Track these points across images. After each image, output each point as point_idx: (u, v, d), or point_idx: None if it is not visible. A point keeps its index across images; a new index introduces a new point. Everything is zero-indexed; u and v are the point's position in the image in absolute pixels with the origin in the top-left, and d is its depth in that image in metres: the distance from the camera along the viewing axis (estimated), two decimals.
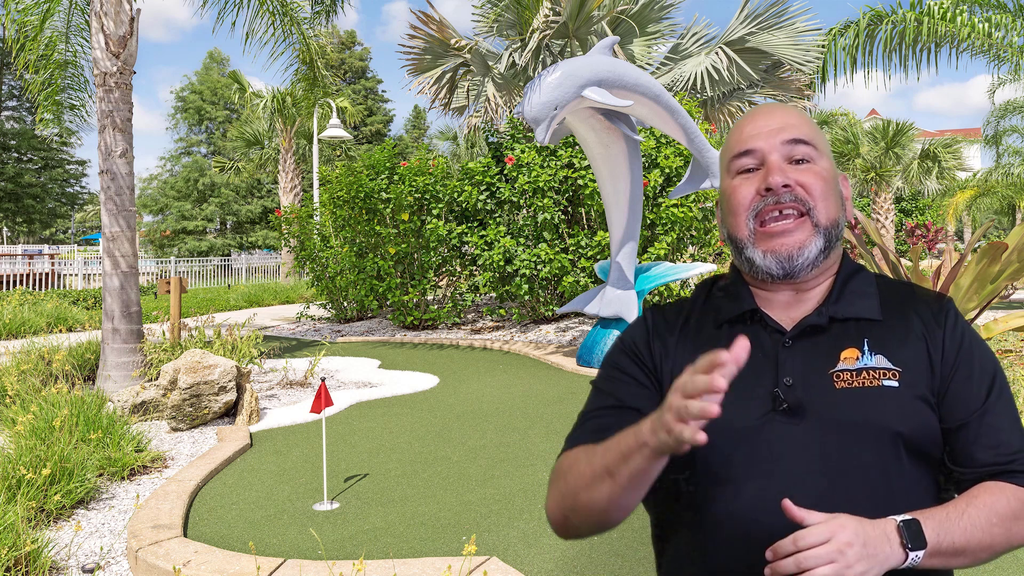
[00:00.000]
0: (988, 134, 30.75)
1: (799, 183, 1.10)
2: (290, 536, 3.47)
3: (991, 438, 1.06)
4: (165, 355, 6.85)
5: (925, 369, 1.08)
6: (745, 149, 1.14)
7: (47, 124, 10.70)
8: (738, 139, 1.16)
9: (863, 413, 1.04)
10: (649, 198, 9.20)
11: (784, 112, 1.17)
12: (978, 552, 1.00)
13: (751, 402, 1.07)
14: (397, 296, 10.54)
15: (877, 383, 1.06)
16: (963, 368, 1.09)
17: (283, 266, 23.07)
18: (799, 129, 1.14)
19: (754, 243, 1.12)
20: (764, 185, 1.10)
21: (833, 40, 12.91)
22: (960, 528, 0.98)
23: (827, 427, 1.04)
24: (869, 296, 1.14)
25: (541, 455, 4.69)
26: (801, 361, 1.09)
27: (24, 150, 32.05)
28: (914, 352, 1.09)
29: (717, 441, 1.05)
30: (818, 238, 1.11)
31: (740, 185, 1.14)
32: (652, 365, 1.17)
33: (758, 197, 1.11)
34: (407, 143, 43.99)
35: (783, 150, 1.12)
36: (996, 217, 31.60)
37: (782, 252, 1.10)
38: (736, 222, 1.14)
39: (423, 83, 12.01)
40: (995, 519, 1.00)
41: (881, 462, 1.03)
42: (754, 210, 1.11)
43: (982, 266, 5.79)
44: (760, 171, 1.13)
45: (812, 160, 1.13)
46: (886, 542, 0.93)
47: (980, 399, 1.08)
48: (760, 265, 1.12)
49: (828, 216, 1.11)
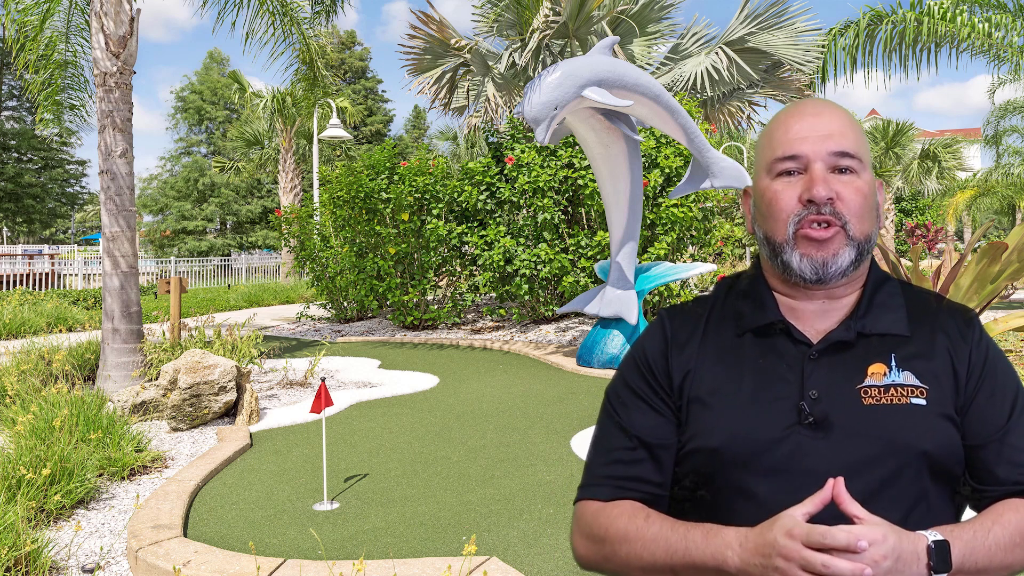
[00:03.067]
0: (988, 134, 30.74)
1: (840, 196, 1.09)
2: (290, 536, 3.47)
3: (1014, 457, 1.06)
4: (165, 355, 6.85)
5: (950, 386, 1.08)
6: (791, 154, 1.11)
7: (47, 124, 10.70)
8: (784, 139, 1.13)
9: (890, 431, 1.04)
10: (649, 198, 9.19)
11: (832, 116, 1.13)
12: (997, 571, 1.00)
13: (775, 414, 1.07)
14: (397, 296, 10.54)
15: (905, 400, 1.05)
16: (987, 385, 1.09)
17: (283, 266, 23.07)
18: (847, 140, 1.11)
19: (793, 247, 1.11)
20: (807, 196, 1.09)
21: (833, 40, 12.91)
22: (984, 548, 0.98)
23: (853, 442, 1.04)
24: (896, 309, 1.14)
25: (541, 455, 4.69)
26: (827, 374, 1.08)
27: (24, 150, 32.04)
28: (940, 368, 1.09)
29: (739, 452, 1.05)
30: (851, 249, 1.10)
31: (783, 190, 1.12)
32: (669, 386, 1.15)
33: (800, 206, 1.10)
34: (407, 143, 44.00)
35: (829, 160, 1.10)
36: (996, 217, 31.60)
37: (817, 258, 1.09)
38: (775, 227, 1.12)
39: (423, 83, 12.02)
40: (1018, 539, 1.01)
41: (906, 479, 1.03)
42: (796, 217, 1.10)
43: (982, 266, 5.79)
44: (802, 176, 1.11)
45: (855, 172, 1.11)
46: (916, 561, 0.93)
47: (1004, 417, 1.08)
48: (795, 268, 1.11)
49: (862, 231, 1.10)
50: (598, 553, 1.11)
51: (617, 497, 1.13)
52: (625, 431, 1.15)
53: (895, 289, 1.17)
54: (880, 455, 1.03)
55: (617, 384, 1.21)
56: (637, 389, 1.17)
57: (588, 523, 1.13)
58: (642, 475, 1.13)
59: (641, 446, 1.13)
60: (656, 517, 1.08)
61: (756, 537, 0.94)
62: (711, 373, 1.13)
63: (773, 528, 0.92)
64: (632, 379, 1.19)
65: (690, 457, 1.11)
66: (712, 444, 1.08)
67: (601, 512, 1.12)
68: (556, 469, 4.39)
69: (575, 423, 5.44)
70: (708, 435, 1.09)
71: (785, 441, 1.04)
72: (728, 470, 1.06)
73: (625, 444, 1.15)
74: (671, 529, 1.04)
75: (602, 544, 1.10)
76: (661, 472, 1.13)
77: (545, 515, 3.66)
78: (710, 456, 1.08)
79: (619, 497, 1.13)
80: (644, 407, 1.16)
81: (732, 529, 0.99)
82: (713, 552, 0.98)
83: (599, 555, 1.11)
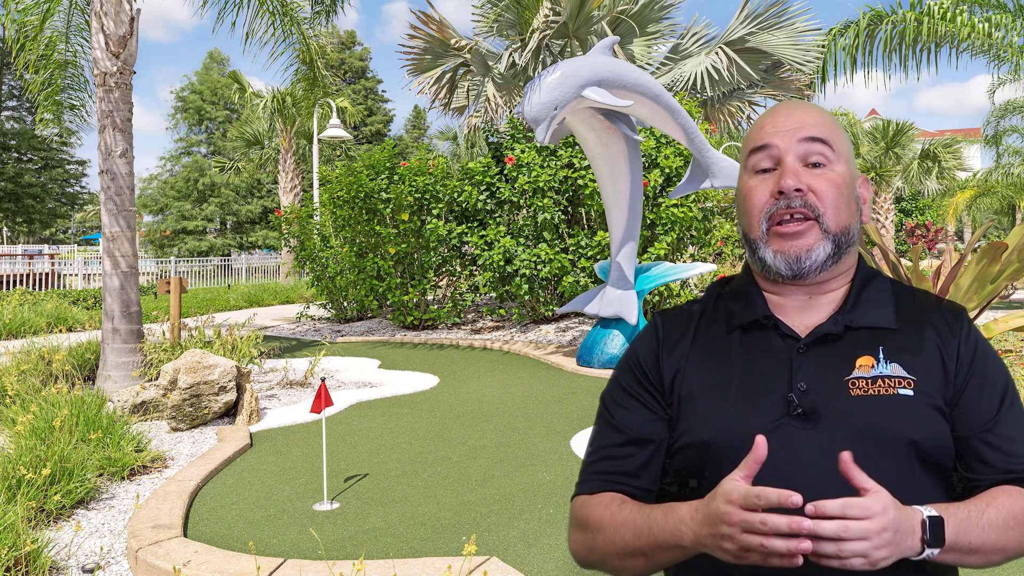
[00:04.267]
0: (988, 134, 30.72)
1: (811, 188, 1.11)
2: (290, 536, 3.47)
3: (1004, 446, 1.07)
4: (165, 355, 6.85)
5: (939, 378, 1.09)
6: (762, 144, 1.14)
7: (47, 124, 10.70)
8: (757, 135, 1.16)
9: (878, 420, 1.05)
10: (649, 198, 9.20)
11: (804, 110, 1.16)
12: (991, 553, 1.01)
13: (764, 406, 1.08)
14: (397, 296, 10.54)
15: (892, 391, 1.06)
16: (976, 378, 1.10)
17: (283, 266, 23.07)
18: (816, 128, 1.13)
19: (766, 243, 1.13)
20: (777, 188, 1.11)
21: (833, 40, 12.91)
22: (978, 528, 0.99)
23: (841, 433, 1.04)
24: (885, 304, 1.15)
25: (541, 455, 4.69)
26: (815, 367, 1.09)
27: (24, 150, 32.04)
28: (929, 361, 1.10)
29: (729, 445, 1.06)
30: (827, 243, 1.11)
31: (756, 187, 1.14)
32: (660, 385, 1.18)
33: (772, 200, 1.12)
34: (407, 143, 43.98)
35: (799, 149, 1.12)
36: (996, 217, 31.59)
37: (791, 253, 1.11)
38: (750, 223, 1.15)
39: (423, 83, 12.02)
40: (1012, 522, 1.01)
41: (894, 469, 1.04)
42: (767, 213, 1.12)
43: (982, 266, 5.79)
44: (776, 172, 1.13)
45: (827, 164, 1.12)
46: (911, 535, 0.94)
47: (993, 409, 1.09)
48: (771, 265, 1.13)
49: (838, 223, 1.11)
50: (583, 543, 1.15)
51: (603, 490, 1.16)
52: (616, 429, 1.18)
53: (884, 285, 1.18)
54: (868, 445, 1.03)
55: (611, 385, 1.25)
56: (629, 389, 1.20)
57: (575, 515, 1.17)
58: (630, 470, 1.15)
59: (630, 443, 1.16)
60: (629, 504, 1.10)
61: (703, 508, 0.96)
62: (701, 370, 1.15)
63: (716, 497, 0.94)
64: (625, 379, 1.22)
65: (682, 452, 1.13)
66: (703, 437, 1.09)
67: (586, 504, 1.16)
68: (556, 469, 4.39)
69: (575, 423, 5.44)
70: (699, 429, 1.10)
71: (774, 433, 1.05)
72: (718, 462, 1.07)
73: (615, 441, 1.18)
74: (638, 512, 1.07)
75: (585, 534, 1.14)
76: (650, 468, 1.16)
77: (545, 515, 3.67)
78: (701, 449, 1.09)
79: (605, 490, 1.15)
80: (635, 405, 1.18)
81: (685, 504, 1.01)
82: (672, 529, 1.00)
83: (584, 546, 1.14)
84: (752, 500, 0.89)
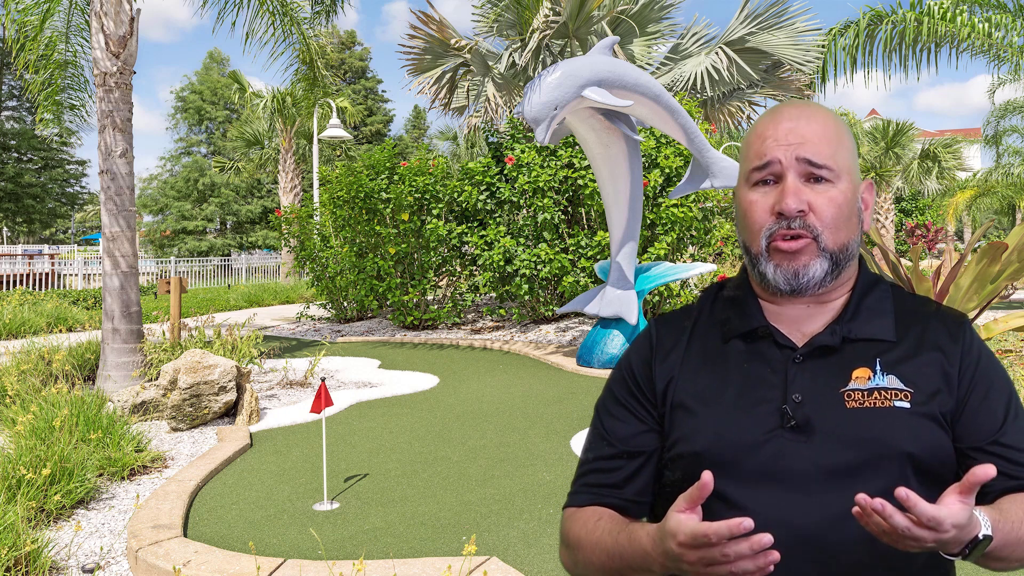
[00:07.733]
0: (988, 134, 30.73)
1: (812, 207, 1.08)
2: (290, 536, 3.47)
3: (1011, 458, 1.06)
4: (165, 355, 6.85)
5: (939, 389, 1.07)
6: (765, 162, 1.11)
7: (47, 124, 10.70)
8: (758, 147, 1.12)
9: (873, 433, 1.04)
10: (649, 198, 9.20)
11: (807, 121, 1.12)
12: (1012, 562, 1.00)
13: (758, 417, 1.07)
14: (397, 296, 10.54)
15: (888, 404, 1.05)
16: (979, 388, 1.09)
17: (283, 266, 23.07)
18: (819, 144, 1.09)
19: (767, 258, 1.11)
20: (778, 208, 1.09)
21: (833, 40, 12.91)
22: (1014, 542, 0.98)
23: (836, 445, 1.03)
24: (884, 314, 1.13)
25: (541, 455, 4.69)
26: (811, 378, 1.08)
27: (24, 150, 32.04)
28: (928, 372, 1.08)
29: (722, 455, 1.06)
30: (823, 261, 1.09)
31: (757, 201, 1.12)
32: (652, 393, 1.17)
33: (772, 218, 1.10)
34: (407, 143, 43.98)
35: (801, 169, 1.09)
36: (996, 217, 31.60)
37: (789, 269, 1.10)
38: (751, 238, 1.13)
39: (423, 83, 12.02)
40: None
41: (890, 482, 1.02)
42: (768, 230, 1.11)
43: (982, 266, 5.79)
44: (776, 187, 1.11)
45: (831, 182, 1.10)
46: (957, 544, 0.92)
47: (999, 420, 1.08)
48: (771, 280, 1.11)
49: (836, 241, 1.10)
50: (568, 559, 1.16)
51: (590, 503, 1.16)
52: (607, 440, 1.18)
53: (885, 293, 1.16)
54: (863, 458, 1.03)
55: (604, 394, 1.24)
56: (621, 398, 1.20)
57: (562, 529, 1.18)
58: (618, 482, 1.15)
59: (620, 455, 1.16)
60: (605, 522, 1.10)
61: (659, 545, 0.96)
62: (695, 379, 1.14)
63: (665, 536, 0.93)
64: (617, 389, 1.21)
65: (675, 462, 1.12)
66: (695, 448, 1.08)
67: (571, 518, 1.16)
68: (556, 469, 4.39)
69: (575, 423, 5.44)
70: (692, 439, 1.09)
71: (767, 444, 1.05)
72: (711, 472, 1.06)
73: (605, 453, 1.17)
74: (608, 533, 1.07)
75: (568, 550, 1.15)
76: (638, 480, 1.15)
77: (545, 515, 3.67)
78: (693, 460, 1.08)
79: (594, 503, 1.15)
80: (626, 415, 1.18)
81: (644, 533, 1.00)
82: (639, 555, 1.01)
83: (569, 560, 1.16)
84: (701, 541, 0.89)
